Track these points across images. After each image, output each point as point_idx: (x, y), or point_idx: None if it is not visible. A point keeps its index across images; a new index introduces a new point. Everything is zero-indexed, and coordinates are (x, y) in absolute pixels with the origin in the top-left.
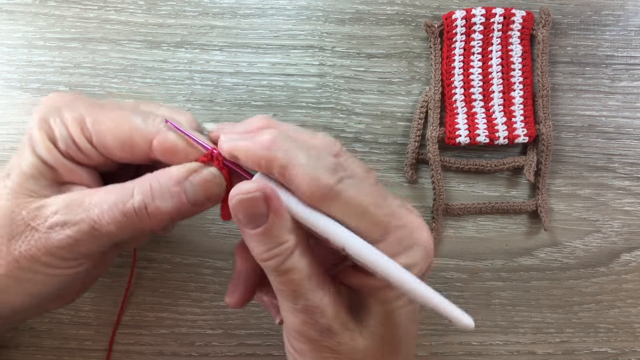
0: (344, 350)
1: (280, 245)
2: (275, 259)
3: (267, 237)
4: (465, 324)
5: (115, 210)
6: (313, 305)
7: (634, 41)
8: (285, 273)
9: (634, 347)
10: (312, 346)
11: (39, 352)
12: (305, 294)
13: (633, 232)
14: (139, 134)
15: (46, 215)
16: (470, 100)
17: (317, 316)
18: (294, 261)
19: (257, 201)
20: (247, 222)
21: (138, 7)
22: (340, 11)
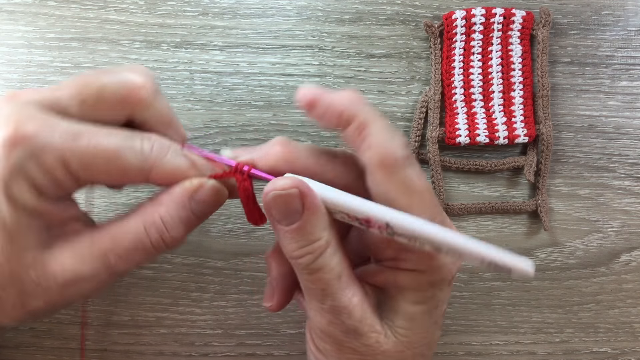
0: (369, 352)
1: (313, 242)
2: (307, 256)
3: (300, 234)
4: (526, 270)
5: (134, 252)
6: (341, 305)
7: (634, 41)
8: (315, 271)
9: (634, 347)
10: (336, 347)
11: (39, 352)
12: (334, 293)
13: (633, 232)
14: (134, 170)
15: (55, 275)
16: (470, 100)
17: (344, 317)
18: (325, 259)
19: (292, 197)
20: (280, 218)
21: (138, 7)
22: (340, 11)
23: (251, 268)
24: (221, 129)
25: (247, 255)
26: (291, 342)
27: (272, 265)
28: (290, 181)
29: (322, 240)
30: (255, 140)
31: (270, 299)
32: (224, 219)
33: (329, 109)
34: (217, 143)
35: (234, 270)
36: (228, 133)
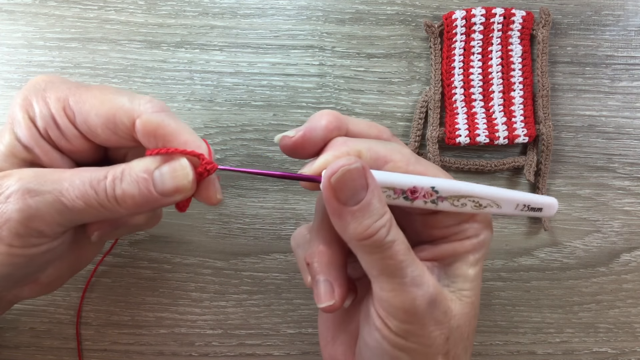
0: (446, 320)
1: (382, 216)
2: (380, 231)
3: (369, 210)
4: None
5: (88, 185)
6: (420, 275)
7: (634, 41)
8: (390, 246)
9: (634, 347)
10: (419, 324)
11: (39, 352)
12: (411, 264)
13: (633, 232)
14: (123, 112)
15: (8, 184)
16: (470, 100)
17: (425, 287)
18: (396, 232)
19: (358, 172)
20: (348, 197)
21: (138, 7)
22: (340, 11)
23: (251, 268)
24: (221, 129)
25: (247, 255)
26: (291, 342)
27: (321, 262)
28: (352, 158)
29: (388, 213)
30: (255, 140)
31: (331, 296)
32: (224, 219)
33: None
34: (217, 143)
35: (234, 270)
36: (228, 133)
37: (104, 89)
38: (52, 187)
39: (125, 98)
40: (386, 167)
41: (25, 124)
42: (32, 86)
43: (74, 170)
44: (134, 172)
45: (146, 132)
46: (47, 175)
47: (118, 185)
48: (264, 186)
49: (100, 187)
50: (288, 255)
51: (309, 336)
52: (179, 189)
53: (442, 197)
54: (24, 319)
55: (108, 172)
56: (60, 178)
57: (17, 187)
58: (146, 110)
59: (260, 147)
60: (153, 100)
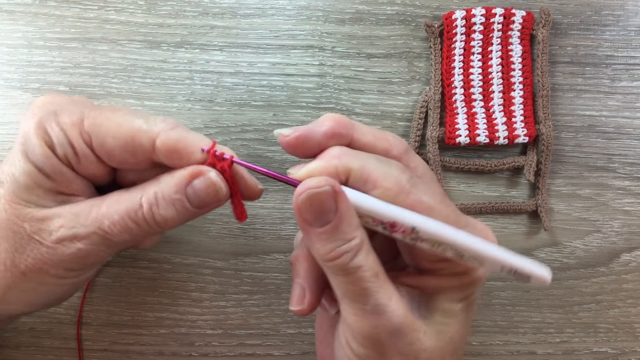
0: (412, 352)
1: (349, 241)
2: (344, 256)
3: (335, 234)
4: (544, 278)
5: (127, 219)
6: (384, 303)
7: (634, 41)
8: (354, 271)
9: (634, 347)
10: (379, 350)
11: (39, 352)
12: (376, 292)
13: (633, 232)
14: (141, 134)
15: (51, 229)
16: (470, 100)
17: (388, 316)
18: (362, 258)
19: (326, 196)
20: (314, 219)
21: (138, 7)
22: (340, 11)
23: (251, 268)
24: (221, 129)
25: (247, 255)
26: (291, 342)
27: (301, 266)
28: (324, 179)
29: (357, 239)
30: (255, 140)
31: (301, 302)
32: (224, 219)
33: (324, 174)
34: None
35: (234, 270)
36: (228, 133)
37: (117, 111)
38: (95, 226)
39: (142, 120)
40: (373, 193)
41: (43, 152)
42: (42, 110)
43: (110, 202)
44: (167, 195)
45: (168, 150)
46: (84, 214)
47: (156, 212)
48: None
49: (139, 217)
50: (288, 255)
51: (309, 336)
52: (215, 201)
53: (421, 238)
54: (24, 319)
55: (142, 198)
56: (99, 215)
57: (64, 234)
58: (162, 129)
59: (260, 147)
60: (166, 119)
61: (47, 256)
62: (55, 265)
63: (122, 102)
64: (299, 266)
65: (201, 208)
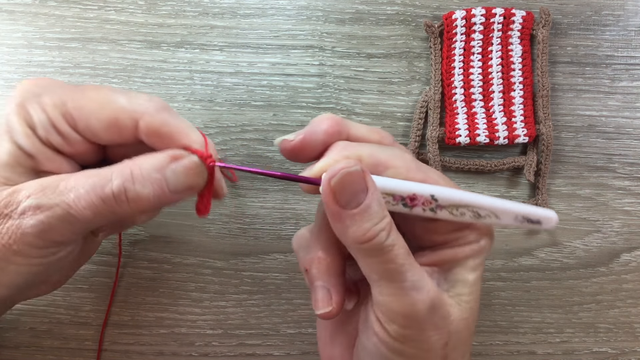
0: (445, 325)
1: (382, 219)
2: (380, 234)
3: (369, 214)
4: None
5: (93, 194)
6: (419, 279)
7: (634, 41)
8: (390, 249)
9: (634, 347)
10: (418, 329)
11: (39, 352)
12: (411, 269)
13: (633, 232)
14: (124, 114)
15: (19, 200)
16: (470, 100)
17: (425, 291)
18: (395, 236)
19: (358, 176)
20: (347, 201)
21: (138, 7)
22: (340, 11)
23: (251, 268)
24: (221, 129)
25: (247, 255)
26: (291, 342)
27: (319, 268)
28: (352, 161)
29: (388, 217)
30: (256, 140)
31: (329, 303)
32: (224, 219)
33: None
34: (217, 143)
35: (234, 270)
36: (228, 133)
37: (100, 90)
38: (59, 199)
39: (124, 99)
40: (386, 173)
41: (24, 131)
42: (25, 92)
43: (78, 177)
44: (146, 173)
45: (150, 132)
46: (52, 186)
47: (131, 188)
48: (264, 186)
49: (106, 193)
50: (288, 255)
51: (309, 336)
52: (193, 186)
53: (440, 206)
54: (24, 319)
55: (113, 173)
56: (66, 188)
57: (28, 203)
58: (147, 109)
59: (260, 147)
60: (153, 98)
61: (12, 229)
62: (18, 240)
63: None
64: (317, 269)
65: (177, 193)
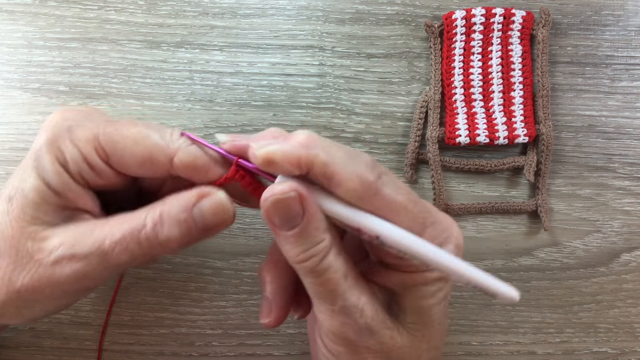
0: (384, 350)
1: (317, 244)
2: (312, 259)
3: (303, 238)
4: (511, 296)
5: (129, 239)
6: (351, 304)
7: (634, 41)
8: (322, 273)
9: (634, 347)
10: (350, 348)
11: (38, 352)
12: (344, 293)
13: (633, 232)
14: (159, 152)
15: (51, 247)
16: (470, 100)
17: (356, 316)
18: (331, 260)
19: (292, 201)
20: (282, 223)
21: (138, 7)
22: (340, 11)
23: (251, 268)
24: (221, 129)
25: (247, 255)
26: (291, 342)
27: (267, 279)
28: (288, 185)
29: (325, 241)
30: None
31: (268, 315)
32: None
33: (285, 162)
34: (217, 143)
35: (234, 270)
36: (228, 133)
37: (133, 126)
38: (95, 247)
39: (157, 135)
40: (337, 191)
41: (54, 169)
42: (56, 126)
43: (111, 223)
44: (173, 214)
45: (185, 168)
46: (86, 234)
47: (160, 230)
48: None
49: (141, 236)
50: None
51: None
52: (221, 222)
53: (387, 245)
54: None
55: (146, 218)
56: (100, 236)
57: (62, 253)
58: (180, 145)
59: None
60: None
61: (45, 276)
62: (51, 286)
63: (122, 102)
64: (262, 280)
65: (206, 230)
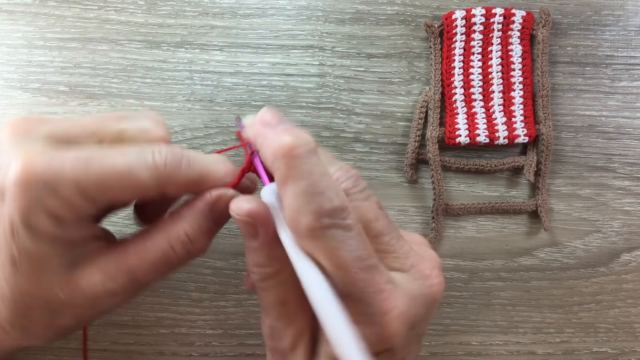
0: None
1: (263, 267)
2: (256, 274)
3: (255, 254)
4: None
5: (160, 265)
6: (277, 329)
7: (634, 41)
8: (262, 289)
9: (634, 347)
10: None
11: (39, 352)
12: (274, 318)
13: (633, 232)
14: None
15: (83, 290)
16: (470, 100)
17: (276, 339)
18: (270, 284)
19: (245, 224)
20: (242, 233)
21: (138, 7)
22: (340, 11)
23: None
24: (221, 129)
25: None
26: None
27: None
28: (247, 209)
29: (269, 269)
30: None
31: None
32: None
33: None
34: (217, 143)
35: (234, 270)
36: (228, 133)
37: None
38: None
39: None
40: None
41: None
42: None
43: (136, 253)
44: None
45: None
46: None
47: (191, 248)
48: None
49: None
50: None
51: None
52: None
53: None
54: None
55: (170, 242)
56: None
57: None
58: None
59: None
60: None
61: (85, 313)
62: (91, 316)
63: (122, 102)
64: None
65: (225, 222)
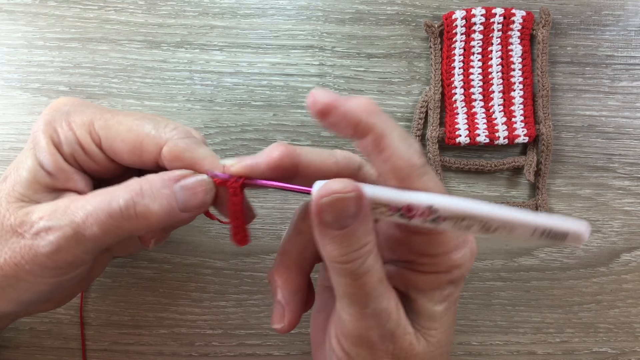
0: (402, 355)
1: (363, 246)
2: (355, 261)
3: (350, 239)
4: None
5: (100, 211)
6: (382, 308)
7: (634, 41)
8: (361, 276)
9: (634, 347)
10: (370, 351)
11: (39, 352)
12: (378, 297)
13: (633, 232)
14: (149, 140)
15: (32, 221)
16: (470, 100)
17: (383, 321)
18: (371, 263)
19: (350, 201)
20: (333, 222)
21: (138, 7)
22: (340, 11)
23: (251, 268)
24: (221, 129)
25: (247, 255)
26: (291, 342)
27: (278, 283)
28: (350, 184)
29: (370, 244)
30: (255, 140)
31: (281, 320)
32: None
33: (344, 118)
34: (217, 143)
35: (234, 270)
36: (228, 133)
37: (129, 115)
38: (68, 219)
39: (151, 125)
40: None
41: (48, 149)
42: (55, 110)
43: (87, 196)
44: (155, 188)
45: (172, 158)
46: (62, 207)
47: (139, 202)
48: None
49: (113, 208)
50: None
51: (309, 336)
52: (201, 202)
53: (442, 217)
54: (24, 319)
55: (120, 190)
56: (75, 208)
57: (41, 225)
58: (172, 137)
59: (260, 147)
60: (178, 126)
61: (24, 250)
62: (30, 261)
63: (122, 102)
64: (274, 284)
65: (186, 210)
